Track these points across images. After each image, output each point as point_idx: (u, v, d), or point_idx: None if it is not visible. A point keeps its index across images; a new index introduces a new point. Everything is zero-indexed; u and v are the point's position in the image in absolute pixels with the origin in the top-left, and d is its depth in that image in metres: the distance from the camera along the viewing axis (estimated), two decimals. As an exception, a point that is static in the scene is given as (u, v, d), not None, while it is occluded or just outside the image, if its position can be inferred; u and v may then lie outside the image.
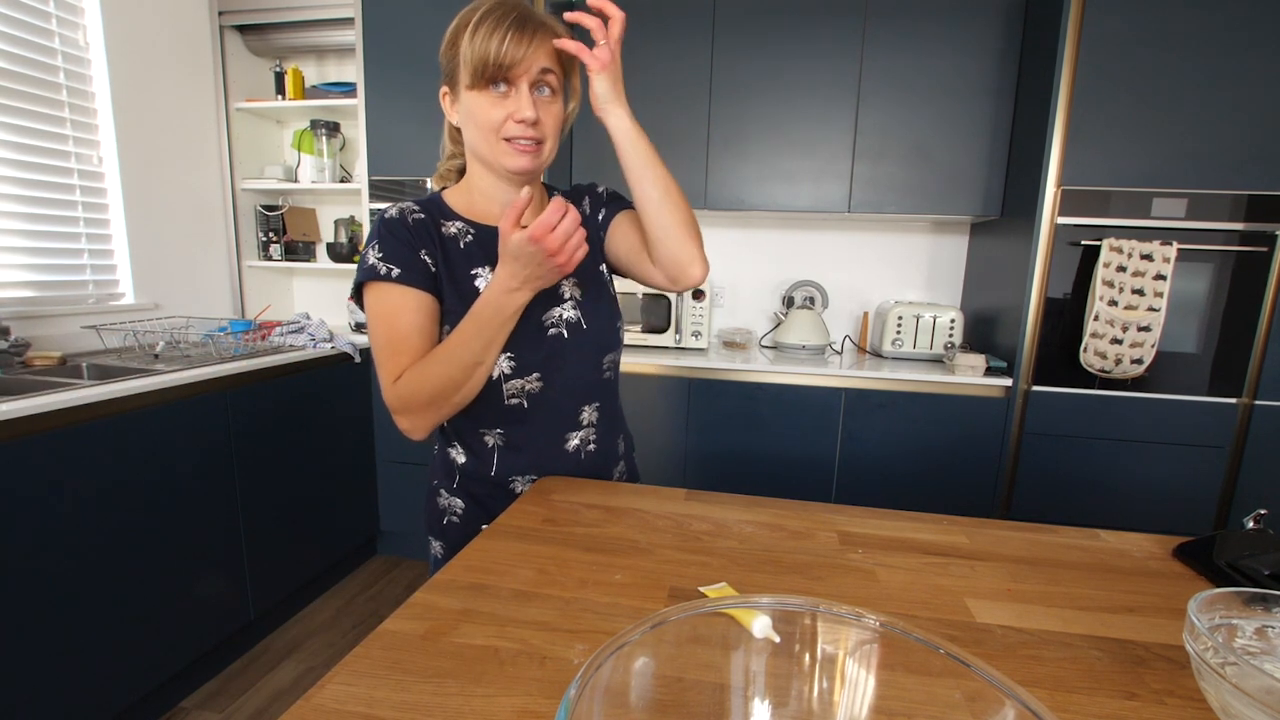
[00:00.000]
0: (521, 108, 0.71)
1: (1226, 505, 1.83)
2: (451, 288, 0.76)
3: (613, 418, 0.88)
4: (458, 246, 0.78)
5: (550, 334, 0.79)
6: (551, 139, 0.75)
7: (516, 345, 0.76)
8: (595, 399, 0.83)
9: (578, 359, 0.80)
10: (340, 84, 2.42)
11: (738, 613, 0.33)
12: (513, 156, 0.73)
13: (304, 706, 0.39)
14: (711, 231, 2.50)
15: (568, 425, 0.82)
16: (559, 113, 0.75)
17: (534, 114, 0.71)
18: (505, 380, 0.77)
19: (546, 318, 0.79)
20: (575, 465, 0.83)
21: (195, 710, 1.56)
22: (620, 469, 0.91)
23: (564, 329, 0.79)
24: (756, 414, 2.01)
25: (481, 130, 0.73)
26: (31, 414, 1.21)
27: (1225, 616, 0.42)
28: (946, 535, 0.70)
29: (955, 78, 2.03)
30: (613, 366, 0.86)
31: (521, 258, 0.68)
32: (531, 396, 0.79)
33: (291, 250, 2.55)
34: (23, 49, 1.72)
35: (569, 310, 0.80)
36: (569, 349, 0.79)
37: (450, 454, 0.84)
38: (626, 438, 0.94)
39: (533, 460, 0.81)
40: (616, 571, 0.59)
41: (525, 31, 0.70)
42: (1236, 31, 1.68)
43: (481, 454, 0.81)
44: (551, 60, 0.72)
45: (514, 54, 0.69)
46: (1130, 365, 1.77)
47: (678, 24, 2.13)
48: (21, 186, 1.75)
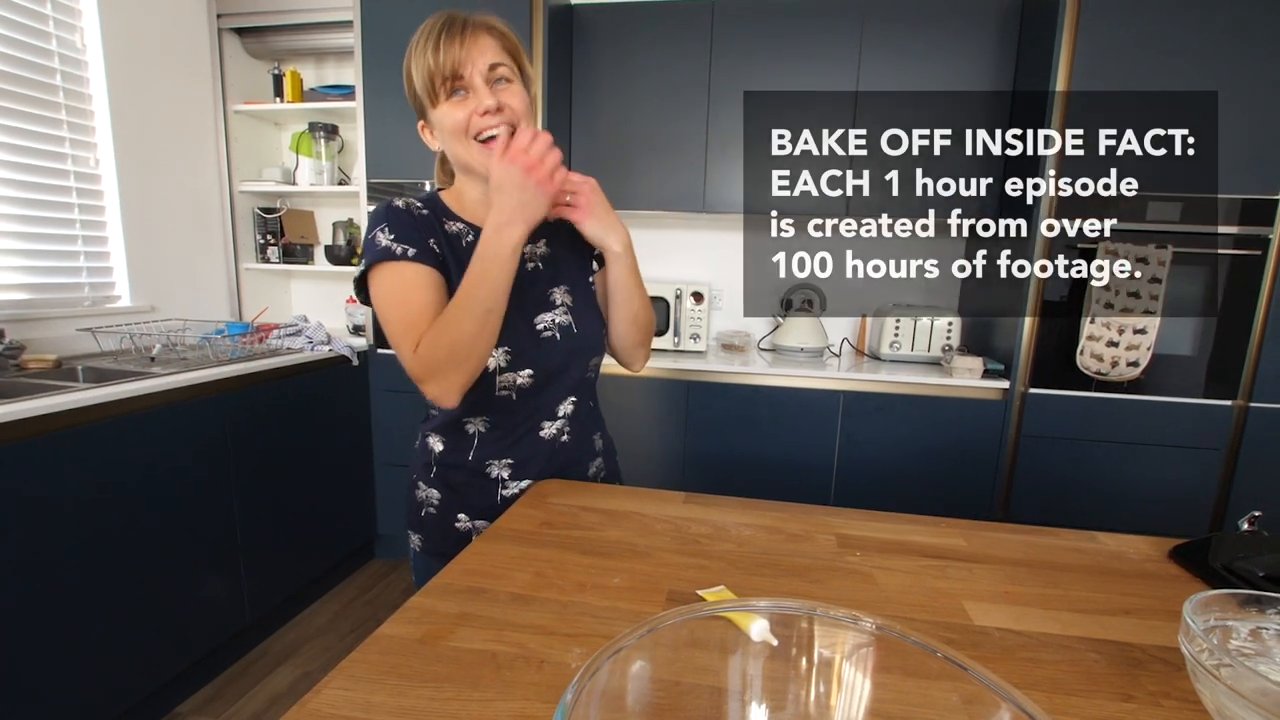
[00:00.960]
0: (481, 100, 0.73)
1: (1222, 507, 1.84)
2: (460, 279, 0.77)
3: (588, 414, 0.90)
4: (460, 244, 0.80)
5: (544, 336, 0.82)
6: (524, 121, 0.76)
7: (514, 342, 0.79)
8: (574, 394, 0.87)
9: (567, 359, 0.84)
10: (338, 87, 2.42)
11: (735, 616, 0.33)
12: (492, 155, 0.74)
13: (300, 711, 0.39)
14: (710, 234, 2.50)
15: (545, 415, 0.85)
16: (521, 93, 0.77)
17: (494, 101, 0.73)
18: (500, 373, 0.80)
19: (539, 321, 0.82)
20: (549, 453, 0.85)
21: (191, 715, 1.56)
22: (598, 465, 0.92)
23: (556, 332, 0.83)
24: (755, 417, 2.01)
25: (454, 135, 0.75)
26: (26, 417, 1.20)
27: (1220, 618, 0.42)
28: (944, 538, 0.70)
29: (952, 81, 2.04)
30: (594, 369, 0.90)
31: (505, 186, 0.71)
32: (520, 390, 0.82)
33: (289, 253, 2.54)
34: (20, 51, 1.72)
35: (561, 315, 0.83)
36: (560, 349, 0.83)
37: (429, 443, 0.86)
38: (606, 438, 0.96)
39: (508, 447, 0.83)
40: (614, 575, 0.59)
41: (456, 35, 0.73)
42: (1230, 36, 1.69)
43: (460, 441, 0.83)
44: (496, 53, 0.75)
45: (454, 57, 0.72)
46: (1126, 368, 1.78)
47: (677, 27, 2.14)
48: (17, 189, 1.74)
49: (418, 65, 0.73)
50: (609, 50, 2.20)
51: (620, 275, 0.83)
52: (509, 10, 1.96)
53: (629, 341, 0.88)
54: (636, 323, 0.87)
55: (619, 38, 2.18)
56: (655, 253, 2.50)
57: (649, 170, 2.21)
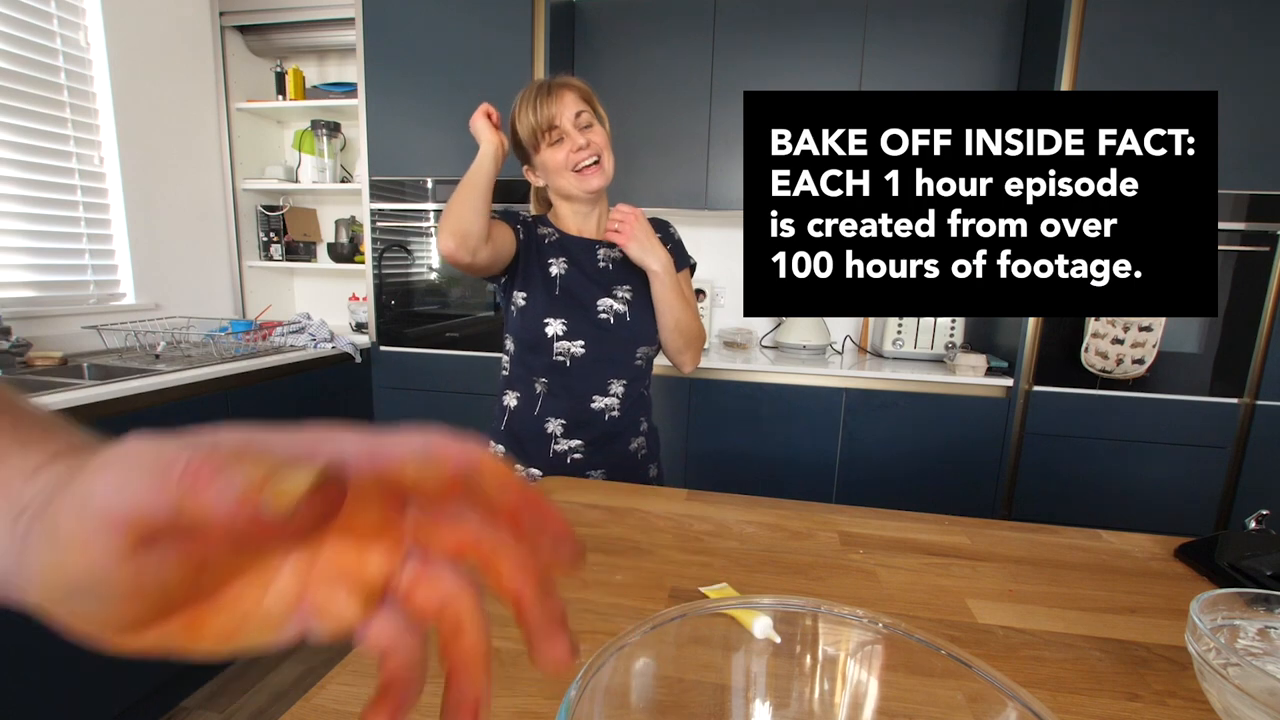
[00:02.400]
0: (574, 140, 0.95)
1: (1228, 506, 1.83)
2: (528, 264, 0.99)
3: (638, 398, 1.04)
4: (543, 243, 1.02)
5: (600, 317, 1.00)
6: (606, 152, 0.99)
7: (572, 319, 0.97)
8: (624, 377, 1.01)
9: (616, 341, 1.00)
10: (341, 84, 2.43)
11: (738, 613, 0.33)
12: (585, 180, 0.97)
13: (304, 707, 0.39)
14: (712, 231, 2.50)
15: (597, 390, 1.00)
16: (603, 131, 0.99)
17: (583, 139, 0.95)
18: (557, 340, 0.97)
19: (599, 305, 1.00)
20: (600, 422, 1.00)
21: (196, 710, 1.56)
22: (639, 444, 1.05)
23: (611, 316, 1.00)
24: (757, 414, 2.01)
25: (557, 172, 0.97)
26: (32, 414, 1.21)
27: (1227, 617, 0.42)
28: (948, 536, 0.70)
29: (956, 77, 2.03)
30: (645, 358, 1.04)
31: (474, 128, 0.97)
32: (574, 358, 0.98)
33: (292, 250, 2.55)
34: (24, 49, 1.72)
35: (618, 304, 1.01)
36: (612, 332, 1.00)
37: (504, 400, 1.03)
38: (653, 429, 1.09)
39: (567, 408, 0.99)
40: (617, 572, 0.59)
41: (550, 94, 0.95)
42: (1237, 31, 1.68)
43: (528, 398, 1.01)
44: (578, 103, 0.96)
45: (548, 112, 0.94)
46: (1131, 365, 1.77)
47: (679, 24, 2.13)
48: (23, 187, 1.75)
49: (523, 122, 0.96)
50: (611, 47, 2.19)
51: (659, 291, 0.99)
52: (510, 8, 1.96)
53: (674, 346, 1.04)
54: (679, 330, 1.02)
55: (621, 34, 2.18)
56: (658, 250, 2.50)
57: (651, 167, 2.20)
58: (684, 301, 1.02)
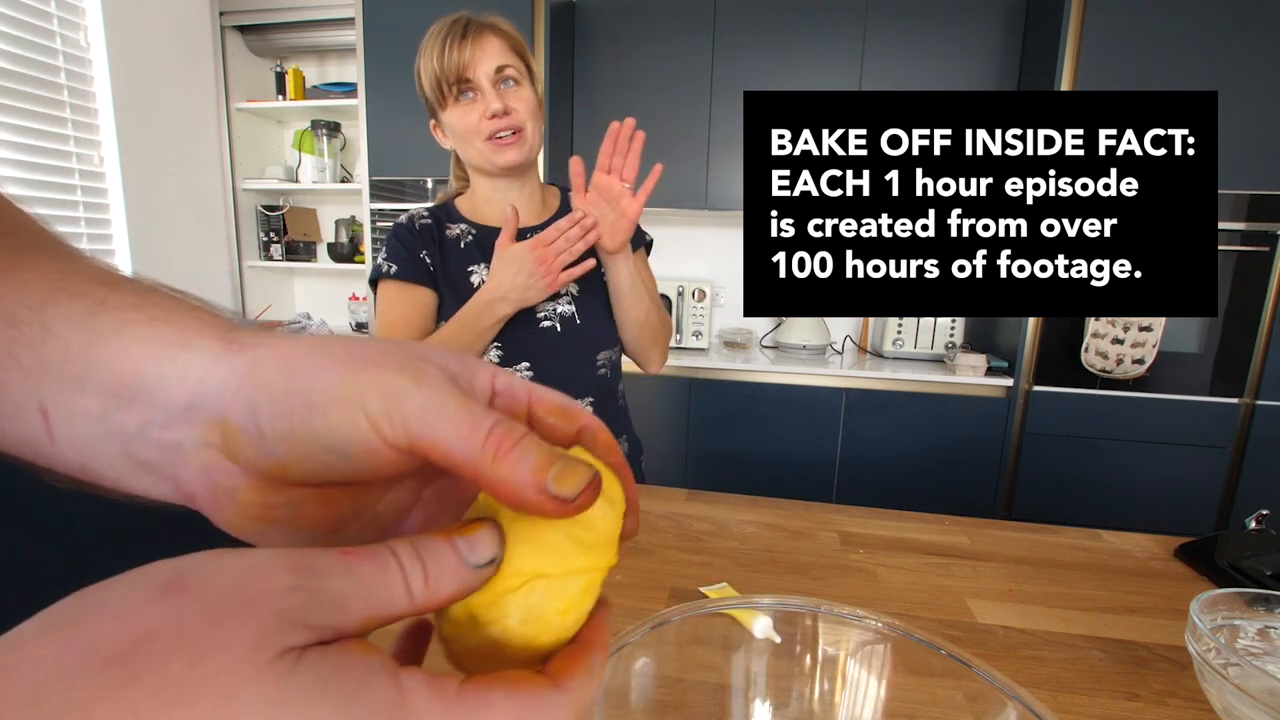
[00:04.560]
0: (488, 103, 0.75)
1: (1228, 506, 1.83)
2: (448, 286, 0.81)
3: (614, 414, 0.89)
4: (458, 247, 0.83)
5: (542, 326, 0.81)
6: (530, 123, 0.78)
7: (508, 338, 0.79)
8: (589, 394, 0.84)
9: (569, 353, 0.82)
10: (341, 84, 2.42)
11: (739, 613, 0.33)
12: (499, 152, 0.77)
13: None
14: (713, 231, 2.50)
15: None
16: (529, 98, 0.78)
17: (500, 105, 0.75)
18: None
19: (540, 310, 0.81)
20: None
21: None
22: None
23: (557, 322, 0.82)
24: (757, 414, 2.01)
25: (464, 138, 0.77)
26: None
27: (1228, 617, 0.42)
28: (948, 535, 0.70)
29: (956, 77, 2.03)
30: (609, 365, 0.87)
31: (514, 265, 0.73)
32: None
33: (292, 250, 2.55)
34: (24, 49, 1.72)
35: (564, 305, 0.82)
36: (561, 342, 0.81)
37: None
38: (632, 440, 0.96)
39: None
40: (617, 572, 0.59)
41: (465, 38, 0.74)
42: (1237, 31, 1.68)
43: None
44: (503, 54, 0.76)
45: (461, 59, 0.73)
46: (1131, 365, 1.77)
47: (679, 24, 2.13)
48: (23, 187, 1.75)
49: (426, 68, 0.75)
50: (611, 46, 2.19)
51: (621, 281, 0.81)
52: (510, 7, 1.95)
53: (639, 345, 0.87)
54: (647, 326, 0.84)
55: (621, 33, 2.18)
56: (657, 250, 2.49)
57: (651, 167, 2.20)
58: (648, 292, 0.84)
